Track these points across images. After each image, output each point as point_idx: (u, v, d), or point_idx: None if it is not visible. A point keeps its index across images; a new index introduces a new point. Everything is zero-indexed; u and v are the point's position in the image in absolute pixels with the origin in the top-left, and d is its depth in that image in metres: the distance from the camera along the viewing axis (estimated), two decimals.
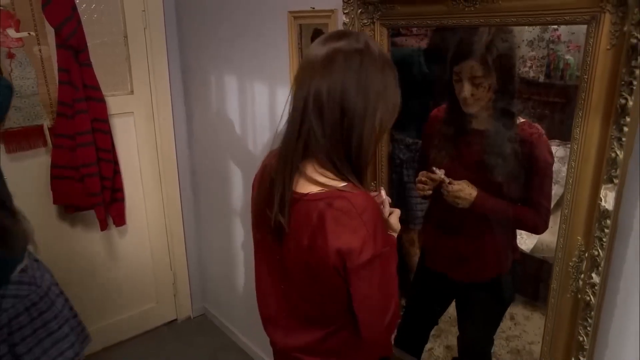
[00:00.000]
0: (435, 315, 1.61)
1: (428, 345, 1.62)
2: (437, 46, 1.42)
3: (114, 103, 2.24)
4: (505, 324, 1.48)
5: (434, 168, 1.35)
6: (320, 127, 0.94)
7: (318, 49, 0.96)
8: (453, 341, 1.60)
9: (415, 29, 1.44)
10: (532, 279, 1.47)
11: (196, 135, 2.51)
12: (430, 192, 1.37)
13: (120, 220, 2.39)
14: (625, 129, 0.87)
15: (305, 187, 0.98)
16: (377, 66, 0.94)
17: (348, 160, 0.97)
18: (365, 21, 1.32)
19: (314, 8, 1.55)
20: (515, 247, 1.40)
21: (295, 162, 0.97)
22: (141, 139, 2.41)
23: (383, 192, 1.14)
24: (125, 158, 2.34)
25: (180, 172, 2.58)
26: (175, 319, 2.83)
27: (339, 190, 0.95)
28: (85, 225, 2.35)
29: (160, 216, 2.58)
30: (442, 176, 1.32)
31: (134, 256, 2.56)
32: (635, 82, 0.84)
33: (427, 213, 1.56)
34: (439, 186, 1.35)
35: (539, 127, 1.24)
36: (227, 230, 2.46)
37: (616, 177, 0.91)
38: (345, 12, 1.33)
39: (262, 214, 1.06)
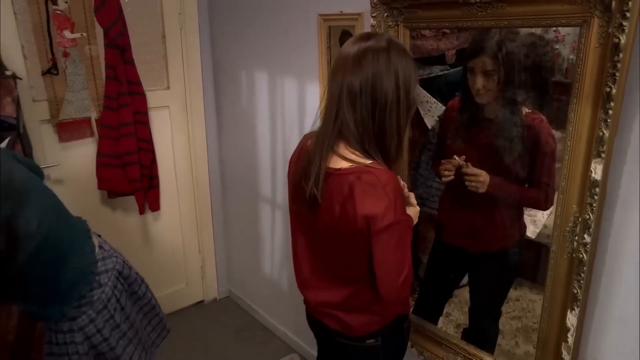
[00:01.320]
0: (451, 286, 1.80)
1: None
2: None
3: (152, 97, 2.45)
4: (510, 306, 1.67)
5: (455, 156, 1.54)
6: (352, 116, 1.14)
7: (349, 49, 1.16)
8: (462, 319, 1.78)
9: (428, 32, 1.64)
10: (537, 264, 1.65)
11: (225, 128, 2.71)
12: (453, 177, 1.56)
13: (155, 206, 2.61)
14: (610, 112, 1.07)
15: (337, 163, 1.18)
16: (400, 60, 1.14)
17: (378, 144, 1.17)
18: (390, 23, 1.53)
19: (342, 12, 1.75)
20: (522, 223, 1.59)
21: (330, 144, 1.18)
22: (175, 130, 2.62)
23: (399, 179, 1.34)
24: (160, 148, 2.55)
25: (210, 162, 2.79)
26: (202, 300, 3.03)
27: (366, 166, 1.14)
28: (124, 209, 2.56)
29: (191, 203, 2.79)
30: (462, 161, 1.51)
31: (167, 240, 2.77)
32: (617, 74, 1.04)
33: (443, 193, 1.75)
34: (457, 170, 1.54)
35: (542, 115, 1.43)
36: (252, 217, 2.67)
37: (603, 152, 1.11)
38: (373, 15, 1.53)
39: (298, 187, 1.26)
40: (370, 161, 1.16)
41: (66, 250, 1.36)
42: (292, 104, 2.17)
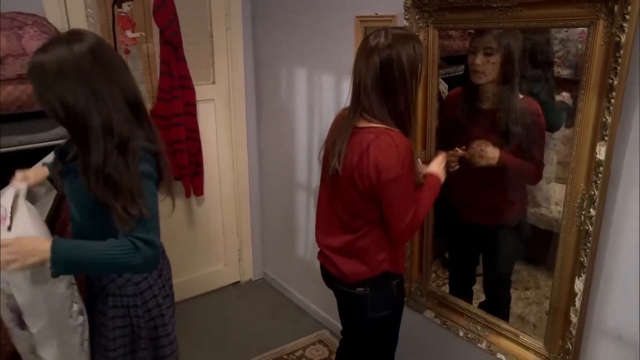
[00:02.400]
0: (475, 257, 1.99)
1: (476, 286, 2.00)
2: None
3: (200, 91, 2.69)
4: (524, 282, 1.85)
5: (456, 148, 1.74)
6: (369, 99, 1.41)
7: (363, 45, 1.44)
8: None
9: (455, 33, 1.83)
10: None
11: (264, 120, 2.94)
12: (458, 166, 1.76)
13: (199, 191, 2.85)
14: (613, 100, 1.25)
15: (363, 124, 1.44)
16: (404, 51, 1.38)
17: (393, 118, 1.42)
18: (421, 25, 1.72)
19: (377, 14, 1.96)
20: (526, 197, 1.78)
21: (355, 112, 1.44)
22: (219, 122, 2.86)
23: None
24: (205, 138, 2.79)
25: (249, 151, 3.02)
26: (239, 281, 3.27)
27: (385, 129, 1.40)
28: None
29: (231, 189, 3.03)
30: (464, 152, 1.72)
31: (208, 223, 3.01)
32: (618, 68, 1.22)
33: (455, 176, 1.93)
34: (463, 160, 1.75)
35: (535, 101, 1.62)
36: (287, 204, 2.89)
37: (606, 136, 1.29)
38: (406, 17, 1.73)
39: (327, 158, 1.55)
40: (382, 125, 1.42)
41: None
42: (328, 98, 2.38)
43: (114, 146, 1.25)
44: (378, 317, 1.60)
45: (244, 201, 3.09)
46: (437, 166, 1.60)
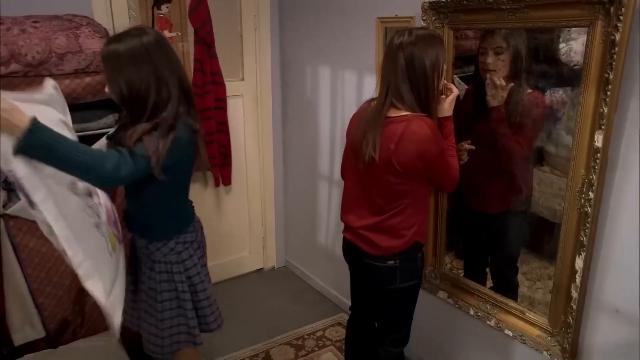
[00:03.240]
0: (486, 246, 2.13)
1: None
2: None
3: (230, 87, 2.88)
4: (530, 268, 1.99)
5: (463, 143, 1.89)
6: (397, 90, 1.58)
7: (391, 41, 1.60)
8: None
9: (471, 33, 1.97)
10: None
11: (289, 115, 3.12)
12: (467, 158, 1.91)
13: (227, 181, 3.04)
14: (609, 93, 1.39)
15: (394, 113, 1.60)
16: (427, 49, 1.55)
17: (419, 105, 1.59)
18: (437, 25, 1.88)
19: (397, 15, 2.11)
20: (531, 185, 1.91)
21: (383, 114, 1.60)
22: (247, 116, 3.05)
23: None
24: (234, 131, 2.98)
25: (275, 145, 3.20)
26: (262, 268, 3.45)
27: (414, 115, 1.57)
28: (202, 183, 3.01)
29: (257, 180, 3.22)
30: (469, 146, 1.88)
31: (235, 211, 3.20)
32: (614, 63, 1.36)
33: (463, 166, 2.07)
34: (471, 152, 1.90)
35: (542, 95, 1.75)
36: (310, 195, 3.06)
37: (604, 125, 1.42)
38: (423, 18, 1.89)
39: (358, 145, 1.67)
40: (409, 113, 1.59)
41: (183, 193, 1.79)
42: (350, 94, 2.55)
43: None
44: (405, 287, 1.77)
45: (269, 192, 3.28)
46: (448, 106, 1.72)
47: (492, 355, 2.04)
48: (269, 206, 3.31)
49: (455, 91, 1.71)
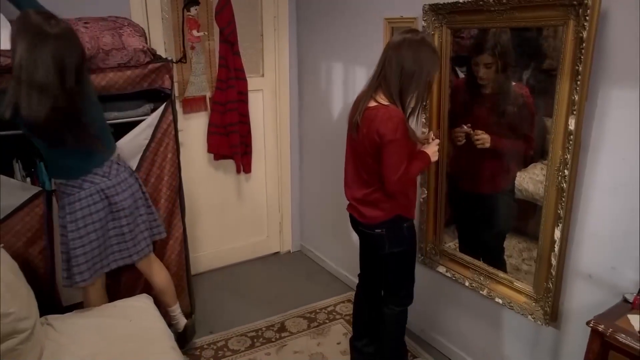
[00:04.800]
0: (478, 223, 2.34)
1: None
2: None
3: (251, 82, 3.14)
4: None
5: (463, 125, 2.11)
6: (387, 78, 1.85)
7: (396, 37, 1.86)
8: None
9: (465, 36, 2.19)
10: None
11: (305, 109, 3.37)
12: (464, 141, 2.14)
13: (248, 169, 3.31)
14: (579, 82, 1.61)
15: (372, 104, 1.87)
16: (425, 51, 1.81)
17: (399, 97, 1.85)
18: (437, 25, 2.11)
19: (402, 16, 2.35)
20: (514, 169, 2.12)
21: (371, 92, 1.89)
22: (266, 109, 3.31)
23: (432, 134, 2.04)
24: (254, 122, 3.24)
25: (292, 136, 3.46)
26: (279, 252, 3.70)
27: (384, 106, 1.85)
28: (224, 170, 3.28)
29: (275, 169, 3.47)
30: (469, 129, 2.09)
31: (254, 198, 3.46)
32: (582, 57, 1.58)
33: (457, 152, 2.27)
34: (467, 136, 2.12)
35: (526, 87, 1.97)
36: (324, 184, 3.31)
37: (575, 110, 1.64)
38: (424, 19, 2.12)
39: (351, 120, 1.97)
40: (389, 104, 1.86)
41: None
42: (361, 88, 2.77)
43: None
44: (393, 252, 2.06)
45: (286, 180, 3.53)
46: (431, 148, 2.01)
47: (485, 321, 2.27)
48: (285, 193, 3.56)
49: (437, 141, 2.04)
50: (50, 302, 2.26)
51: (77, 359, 1.74)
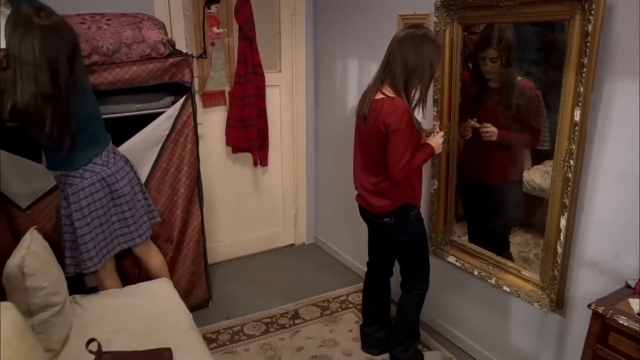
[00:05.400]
0: (485, 213, 2.40)
1: None
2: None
3: (268, 78, 3.24)
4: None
5: (469, 120, 2.18)
6: (392, 71, 1.93)
7: (400, 32, 1.95)
8: None
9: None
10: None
11: (321, 104, 3.46)
12: (471, 134, 2.20)
13: (264, 162, 3.41)
14: (584, 75, 1.66)
15: (378, 96, 1.95)
16: (428, 45, 1.89)
17: (404, 89, 1.93)
18: (448, 21, 2.18)
19: (415, 13, 2.42)
20: (522, 161, 2.16)
21: (378, 85, 1.97)
22: (283, 104, 3.41)
23: (437, 127, 2.13)
24: (271, 117, 3.34)
25: (307, 130, 3.55)
26: (293, 244, 3.80)
27: (390, 97, 1.92)
28: (242, 163, 3.38)
29: (291, 162, 3.57)
30: (476, 123, 2.15)
31: (270, 190, 3.56)
32: (587, 50, 1.63)
33: (465, 145, 2.33)
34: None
35: (531, 81, 2.02)
36: (338, 178, 3.39)
37: (580, 102, 1.70)
38: (436, 15, 2.19)
39: (359, 112, 2.06)
40: (395, 96, 1.93)
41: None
42: None
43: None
44: (402, 240, 2.14)
45: (301, 173, 3.62)
46: (435, 140, 2.08)
47: (493, 310, 2.32)
48: (300, 186, 3.65)
49: (441, 134, 2.12)
50: (76, 283, 2.38)
51: (102, 334, 1.84)
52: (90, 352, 1.69)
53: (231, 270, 3.41)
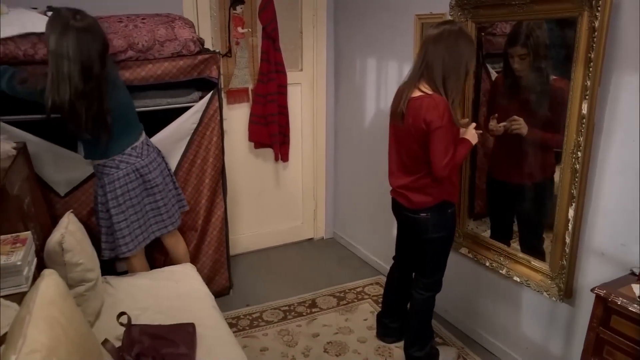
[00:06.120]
0: (508, 213, 2.44)
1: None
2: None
3: (290, 76, 3.36)
4: None
5: (493, 117, 2.24)
6: (430, 67, 1.96)
7: (433, 30, 1.98)
8: None
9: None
10: None
11: (340, 101, 3.57)
12: (502, 130, 2.24)
13: (285, 157, 3.53)
14: (591, 69, 1.73)
15: (416, 93, 1.99)
16: (464, 41, 1.93)
17: (442, 85, 1.96)
18: (463, 19, 2.26)
19: (431, 12, 2.51)
20: (553, 163, 2.20)
21: (415, 82, 2.01)
22: (304, 102, 3.53)
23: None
24: (292, 114, 3.46)
25: (327, 127, 3.66)
26: (312, 238, 3.90)
27: (429, 95, 1.96)
28: (263, 158, 3.51)
29: (311, 158, 3.68)
30: (505, 125, 2.21)
31: (291, 185, 3.68)
32: (594, 46, 1.70)
33: (495, 143, 2.40)
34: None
35: (565, 80, 2.06)
36: (356, 174, 3.49)
37: (587, 95, 1.76)
38: (450, 14, 2.28)
39: (395, 110, 2.10)
40: (433, 93, 1.97)
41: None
42: (392, 80, 2.96)
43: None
44: (436, 237, 2.17)
45: (321, 169, 3.74)
46: (469, 132, 2.11)
47: (503, 299, 2.39)
48: (320, 182, 3.76)
49: (473, 124, 2.16)
50: (108, 266, 2.53)
51: (131, 311, 1.97)
52: (121, 324, 1.83)
53: (252, 262, 3.54)
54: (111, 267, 2.57)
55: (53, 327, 1.19)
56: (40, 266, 1.71)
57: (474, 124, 2.15)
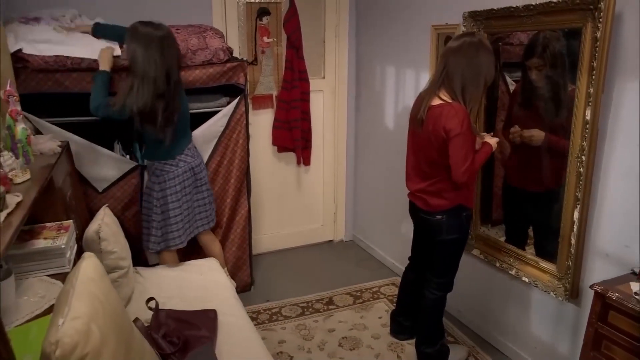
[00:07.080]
0: (523, 218, 2.51)
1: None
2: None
3: (312, 83, 3.51)
4: None
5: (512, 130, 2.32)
6: (448, 79, 2.05)
7: (454, 42, 2.09)
8: None
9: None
10: None
11: (361, 109, 3.70)
12: (519, 139, 2.32)
13: (307, 161, 3.67)
14: (594, 77, 1.82)
15: (436, 101, 2.09)
16: (483, 52, 2.03)
17: (461, 94, 2.05)
18: (475, 30, 2.37)
19: (447, 23, 2.63)
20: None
21: (435, 90, 2.11)
22: (326, 108, 3.68)
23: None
24: (315, 120, 3.61)
25: (348, 133, 3.79)
26: (332, 240, 4.03)
27: (448, 103, 2.05)
28: (286, 162, 3.66)
29: (332, 163, 3.82)
30: (517, 128, 2.30)
31: (312, 188, 3.82)
32: (597, 54, 1.79)
33: (511, 151, 2.48)
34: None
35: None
36: (376, 178, 3.60)
37: (591, 102, 1.85)
38: (464, 25, 2.40)
39: (414, 117, 2.19)
40: (452, 101, 2.06)
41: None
42: (410, 87, 3.08)
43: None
44: (450, 239, 2.26)
45: (341, 173, 3.87)
46: (490, 139, 2.21)
47: (513, 299, 2.46)
48: (340, 185, 3.89)
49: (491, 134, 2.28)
50: (139, 258, 2.72)
51: (158, 298, 2.13)
52: (150, 308, 1.99)
53: (273, 261, 3.68)
54: (144, 259, 2.75)
55: (92, 300, 1.35)
56: (79, 253, 1.89)
57: (491, 134, 2.25)
